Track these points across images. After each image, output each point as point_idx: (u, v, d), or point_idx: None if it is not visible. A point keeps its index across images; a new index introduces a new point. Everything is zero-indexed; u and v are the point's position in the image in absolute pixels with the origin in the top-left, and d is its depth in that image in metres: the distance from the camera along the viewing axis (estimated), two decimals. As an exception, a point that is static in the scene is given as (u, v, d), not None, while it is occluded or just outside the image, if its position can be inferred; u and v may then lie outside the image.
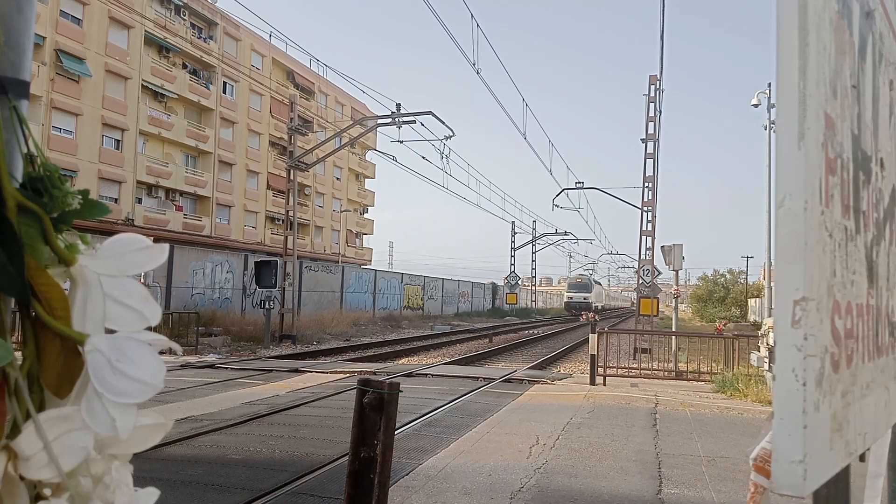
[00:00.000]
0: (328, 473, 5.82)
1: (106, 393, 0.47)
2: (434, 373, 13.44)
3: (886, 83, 1.28)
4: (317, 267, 33.69)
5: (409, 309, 43.25)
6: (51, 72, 28.60)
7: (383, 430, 2.15)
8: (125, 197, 32.72)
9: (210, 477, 5.67)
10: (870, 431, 1.06)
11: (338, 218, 50.85)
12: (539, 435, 7.51)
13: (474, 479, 5.67)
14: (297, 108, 23.45)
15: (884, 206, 1.24)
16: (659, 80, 22.25)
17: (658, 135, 22.18)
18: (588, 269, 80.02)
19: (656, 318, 24.08)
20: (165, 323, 18.13)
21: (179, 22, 36.54)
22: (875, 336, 1.13)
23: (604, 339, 12.67)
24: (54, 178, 0.52)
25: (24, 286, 0.48)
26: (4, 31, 0.51)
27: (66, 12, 29.51)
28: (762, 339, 11.69)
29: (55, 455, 0.46)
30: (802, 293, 0.77)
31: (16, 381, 0.47)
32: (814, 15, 0.81)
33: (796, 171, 0.79)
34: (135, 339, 0.49)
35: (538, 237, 55.34)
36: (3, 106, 0.51)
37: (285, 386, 11.21)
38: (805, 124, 0.79)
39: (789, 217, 0.78)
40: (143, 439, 0.52)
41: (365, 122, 24.29)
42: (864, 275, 1.07)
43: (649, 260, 21.81)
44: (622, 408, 9.59)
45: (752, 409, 9.67)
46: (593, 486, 5.58)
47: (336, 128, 32.27)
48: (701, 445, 7.25)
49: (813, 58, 0.81)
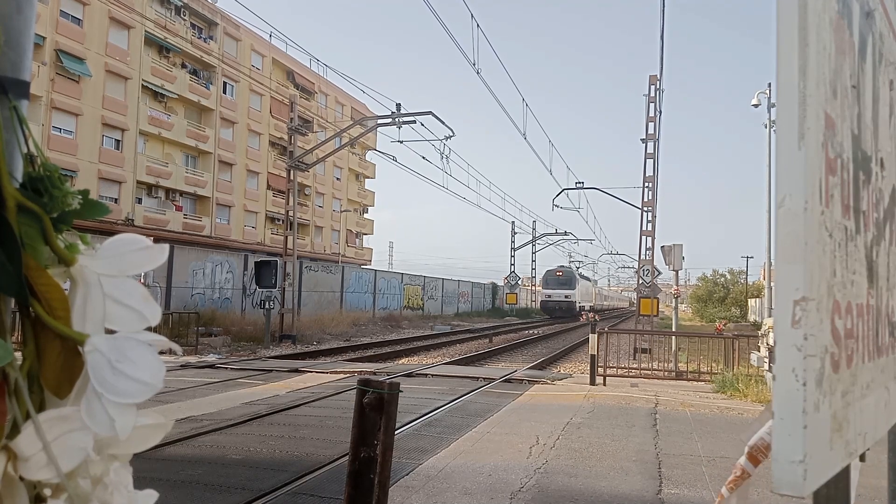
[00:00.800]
0: (328, 473, 5.82)
1: (106, 393, 0.47)
2: (434, 373, 13.44)
3: (886, 83, 1.28)
4: (317, 267, 33.69)
5: (409, 309, 43.25)
6: (51, 72, 28.60)
7: (383, 430, 2.15)
8: (125, 197, 32.72)
9: (210, 477, 5.67)
10: (870, 431, 1.06)
11: (338, 218, 50.85)
12: (539, 435, 7.51)
13: (474, 479, 5.67)
14: (297, 108, 23.45)
15: (884, 206, 1.24)
16: (659, 80, 22.25)
17: (658, 135, 22.19)
18: (576, 263, 66.38)
19: (656, 318, 24.08)
20: (165, 323, 18.13)
21: (179, 22, 36.54)
22: (875, 336, 1.13)
23: (604, 339, 12.67)
24: (54, 178, 0.52)
25: (23, 286, 0.48)
26: (4, 31, 0.51)
27: (66, 12, 29.51)
28: (762, 339, 11.69)
29: (54, 455, 0.46)
30: (802, 293, 0.77)
31: (16, 381, 0.47)
32: (814, 15, 0.81)
33: (796, 171, 0.79)
34: (135, 340, 0.49)
35: (538, 237, 55.31)
36: (3, 106, 0.51)
37: (285, 386, 11.21)
38: (805, 124, 0.79)
39: (789, 217, 0.78)
40: (143, 439, 0.52)
41: (365, 122, 24.29)
42: (864, 275, 1.07)
43: (649, 260, 21.81)
44: (622, 408, 9.58)
45: (752, 409, 9.66)
46: (593, 486, 5.57)
47: (336, 128, 32.27)
48: (701, 445, 7.25)
49: (813, 58, 0.81)
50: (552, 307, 50.86)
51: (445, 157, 23.16)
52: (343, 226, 51.74)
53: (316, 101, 47.51)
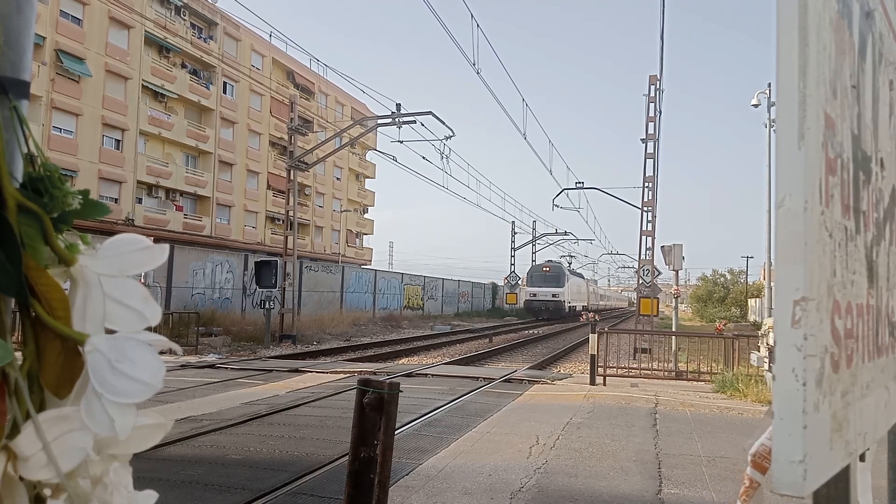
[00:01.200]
0: (328, 473, 5.82)
1: (106, 393, 0.47)
2: (434, 373, 13.44)
3: (886, 83, 1.28)
4: (317, 267, 33.69)
5: (409, 309, 43.24)
6: (51, 72, 28.60)
7: (383, 430, 2.15)
8: (125, 197, 32.72)
9: (210, 477, 5.67)
10: (870, 431, 1.06)
11: (338, 218, 50.84)
12: (539, 435, 7.51)
13: (474, 479, 5.67)
14: (297, 108, 23.45)
15: (884, 206, 1.24)
16: (659, 80, 22.25)
17: (658, 135, 22.19)
18: (568, 258, 60.68)
19: (656, 318, 24.08)
20: (165, 323, 18.12)
21: (179, 22, 36.54)
22: (875, 336, 1.13)
23: (604, 339, 12.67)
24: (54, 178, 0.52)
25: (23, 286, 0.48)
26: (4, 31, 0.51)
27: (66, 12, 29.51)
28: (762, 339, 11.68)
29: (54, 455, 0.46)
30: (802, 293, 0.77)
31: (16, 381, 0.47)
32: (814, 15, 0.81)
33: (796, 171, 0.79)
34: (135, 340, 0.49)
35: (538, 237, 55.25)
36: (4, 106, 0.51)
37: (285, 386, 11.21)
38: (805, 124, 0.79)
39: (789, 217, 0.78)
40: (143, 439, 0.52)
41: (365, 122, 24.29)
42: (864, 275, 1.07)
43: (649, 260, 21.81)
44: (622, 408, 9.58)
45: (752, 409, 9.66)
46: (593, 486, 5.57)
47: (336, 128, 32.26)
48: (701, 445, 7.25)
49: (813, 58, 0.81)
50: (537, 307, 44.77)
51: (445, 157, 23.17)
52: (343, 226, 51.74)
53: (316, 101, 47.50)
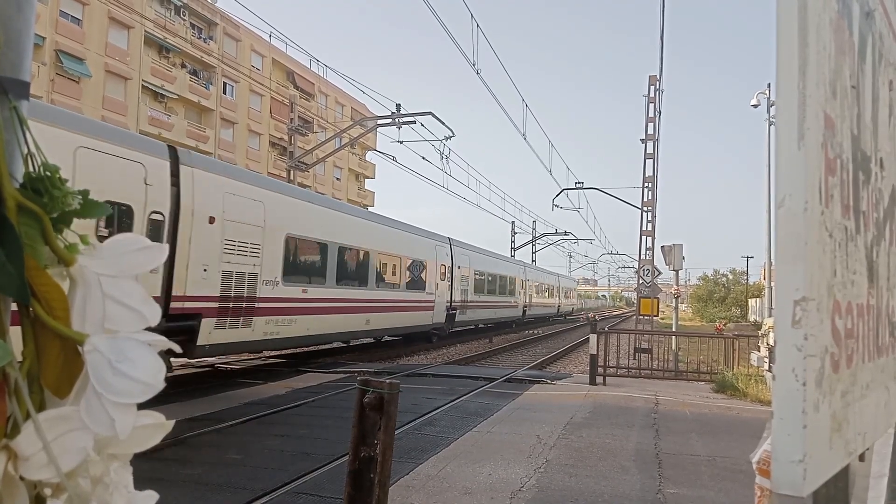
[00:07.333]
0: (328, 473, 5.82)
1: (105, 393, 0.47)
2: (434, 373, 13.44)
3: (886, 83, 1.28)
4: (317, 267, 33.62)
5: (410, 309, 43.14)
6: (51, 72, 28.61)
7: (383, 430, 2.15)
8: (125, 197, 32.69)
9: (210, 477, 5.67)
10: (869, 431, 1.06)
11: (338, 218, 50.80)
12: (539, 434, 7.51)
13: (474, 479, 5.67)
14: (297, 109, 23.44)
15: (884, 206, 1.24)
16: (659, 80, 22.25)
17: (658, 135, 22.18)
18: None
19: (656, 318, 24.07)
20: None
21: (179, 22, 36.54)
22: (875, 336, 1.13)
23: (604, 339, 12.67)
24: (54, 178, 0.52)
25: (23, 286, 0.48)
26: (4, 32, 0.51)
27: (66, 12, 29.51)
28: (762, 339, 11.70)
29: (54, 455, 0.46)
30: (802, 293, 0.77)
31: (16, 381, 0.47)
32: (814, 15, 0.81)
33: (796, 172, 0.79)
34: (135, 340, 0.49)
35: (538, 237, 55.20)
36: (4, 106, 0.51)
37: (285, 386, 11.21)
38: (805, 124, 0.79)
39: (789, 217, 0.78)
40: (143, 439, 0.52)
41: (365, 122, 24.28)
42: (865, 275, 1.07)
43: (649, 260, 21.80)
44: (622, 407, 9.58)
45: (752, 409, 9.66)
46: (593, 486, 5.57)
47: (336, 128, 32.26)
48: (701, 445, 7.25)
49: (813, 58, 0.81)
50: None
51: (445, 157, 23.14)
52: (343, 226, 51.70)
53: (316, 101, 47.50)
